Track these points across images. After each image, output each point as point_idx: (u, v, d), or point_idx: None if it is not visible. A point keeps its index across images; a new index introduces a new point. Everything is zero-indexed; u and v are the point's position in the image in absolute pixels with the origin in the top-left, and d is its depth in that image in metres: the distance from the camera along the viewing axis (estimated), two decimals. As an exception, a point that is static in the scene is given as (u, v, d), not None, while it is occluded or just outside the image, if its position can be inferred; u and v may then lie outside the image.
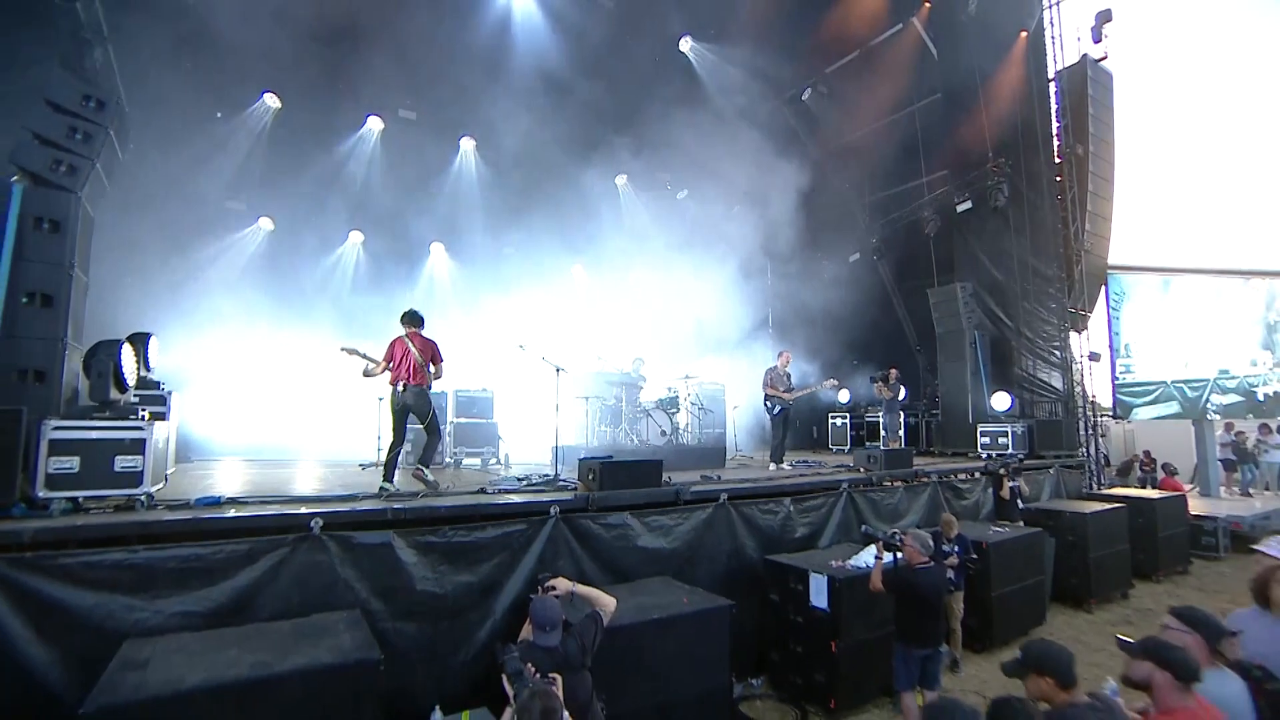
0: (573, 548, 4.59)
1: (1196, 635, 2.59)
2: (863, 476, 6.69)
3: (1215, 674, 2.49)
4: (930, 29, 10.78)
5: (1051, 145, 10.79)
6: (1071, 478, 9.65)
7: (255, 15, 7.74)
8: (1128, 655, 2.47)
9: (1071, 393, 10.38)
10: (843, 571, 4.79)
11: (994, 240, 11.08)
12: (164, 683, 2.60)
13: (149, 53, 6.94)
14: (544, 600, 3.16)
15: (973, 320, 10.45)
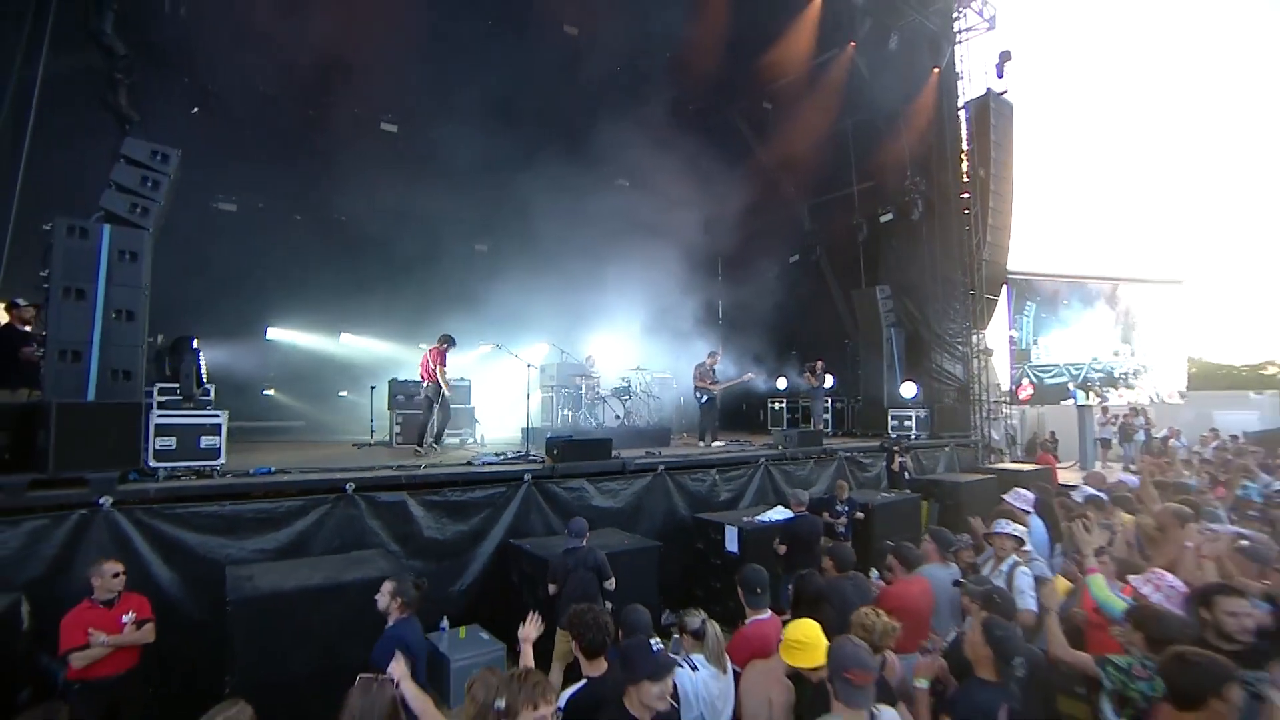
0: (541, 505, 6.00)
1: (934, 544, 4.16)
2: (778, 453, 8.23)
3: (938, 567, 4.05)
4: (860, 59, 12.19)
5: (960, 166, 12.41)
6: (965, 454, 11.41)
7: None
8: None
9: (969, 382, 12.14)
10: (750, 524, 6.28)
11: (911, 248, 12.64)
12: (271, 585, 3.93)
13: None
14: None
15: (889, 319, 12.09)
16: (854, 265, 13.46)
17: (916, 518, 8.19)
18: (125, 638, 3.59)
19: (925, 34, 12.36)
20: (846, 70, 12.00)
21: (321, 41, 9.19)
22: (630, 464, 6.79)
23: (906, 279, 12.66)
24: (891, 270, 12.86)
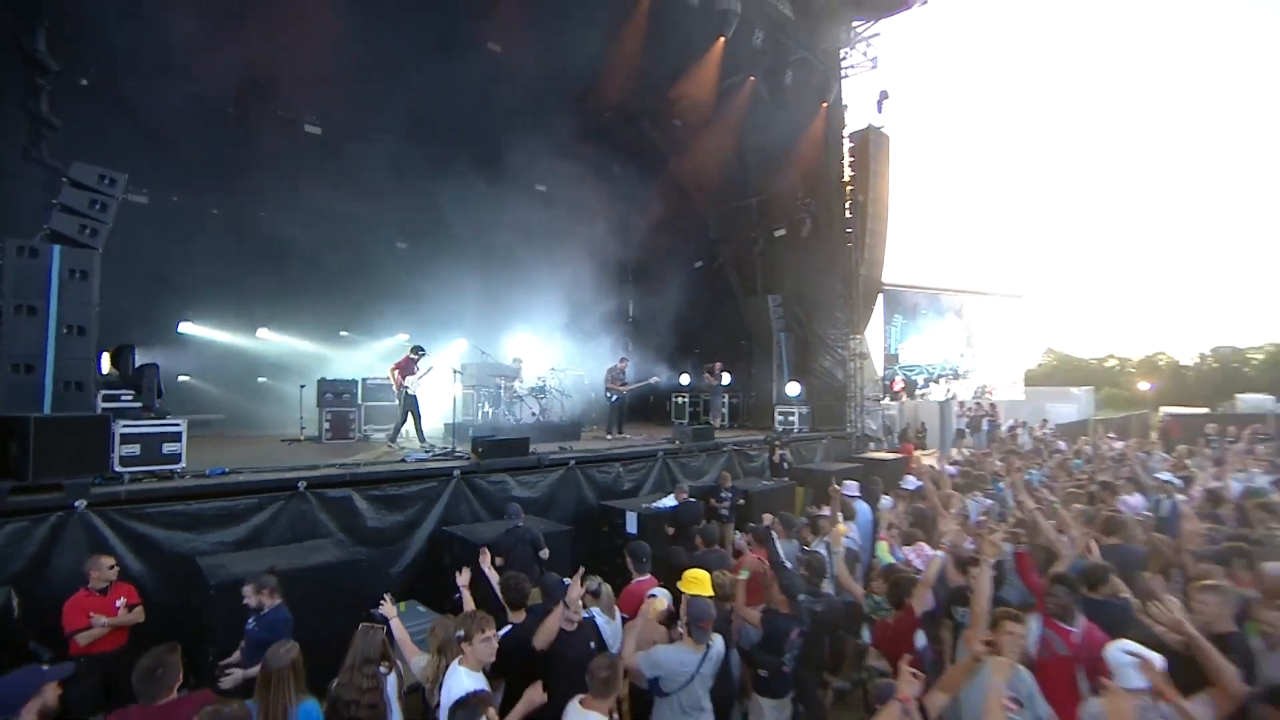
0: (469, 497, 6.94)
1: (780, 524, 5.49)
2: (675, 447, 9.51)
3: (782, 542, 5.38)
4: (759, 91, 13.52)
5: (844, 190, 14.08)
6: (840, 445, 13.18)
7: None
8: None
9: (847, 382, 13.93)
10: (647, 510, 7.46)
11: (800, 261, 14.23)
12: (245, 570, 4.68)
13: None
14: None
15: (780, 324, 13.66)
16: (752, 274, 14.98)
17: (791, 502, 9.67)
18: (120, 619, 4.30)
19: (816, 72, 13.84)
20: (748, 100, 13.31)
21: (247, 44, 9.45)
22: (545, 459, 7.82)
23: (796, 289, 14.26)
24: (783, 280, 14.42)
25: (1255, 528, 6.29)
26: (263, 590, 4.01)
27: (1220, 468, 9.69)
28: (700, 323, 15.76)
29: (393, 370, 8.47)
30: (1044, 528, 4.72)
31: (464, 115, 12.56)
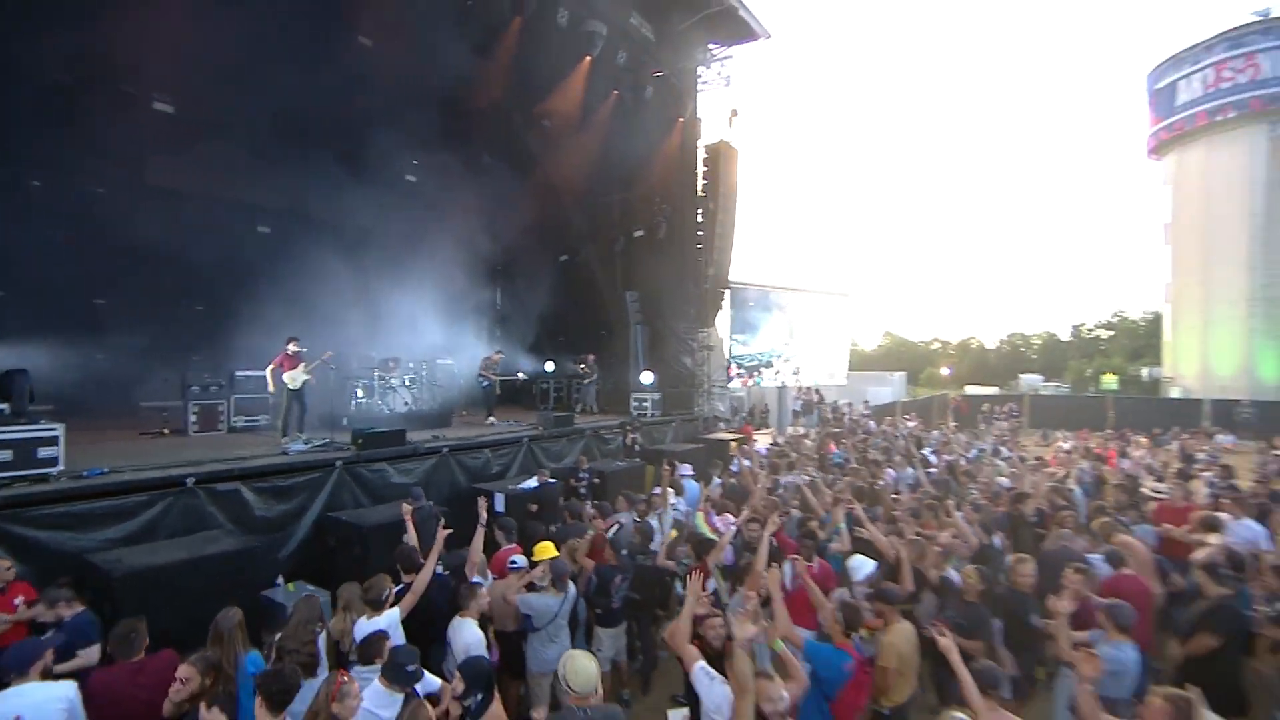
0: (350, 485, 7.64)
1: (625, 500, 6.83)
2: (539, 433, 10.63)
3: (625, 514, 6.74)
4: (623, 103, 14.66)
5: (696, 197, 15.72)
6: (689, 428, 14.95)
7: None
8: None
9: (695, 370, 15.74)
10: (513, 491, 8.52)
11: (656, 260, 15.68)
12: (144, 562, 5.21)
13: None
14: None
15: (636, 318, 15.12)
16: (612, 271, 16.27)
17: (642, 481, 11.14)
18: (20, 615, 4.71)
19: (673, 89, 15.27)
20: (611, 111, 14.42)
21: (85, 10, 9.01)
22: (420, 448, 8.64)
23: (652, 285, 15.74)
24: (640, 278, 15.85)
25: (963, 485, 8.65)
26: (57, 604, 4.23)
27: (968, 438, 12.55)
28: (564, 314, 16.85)
29: (274, 366, 8.69)
30: (810, 499, 6.47)
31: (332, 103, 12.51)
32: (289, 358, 8.68)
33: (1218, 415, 23.47)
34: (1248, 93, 29.92)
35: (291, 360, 8.69)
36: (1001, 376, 53.19)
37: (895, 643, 3.99)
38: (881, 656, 4.01)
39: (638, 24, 13.95)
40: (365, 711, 3.12)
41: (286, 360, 8.66)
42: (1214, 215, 31.54)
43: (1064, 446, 15.62)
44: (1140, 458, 13.16)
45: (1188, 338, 33.58)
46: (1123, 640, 3.96)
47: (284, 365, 8.62)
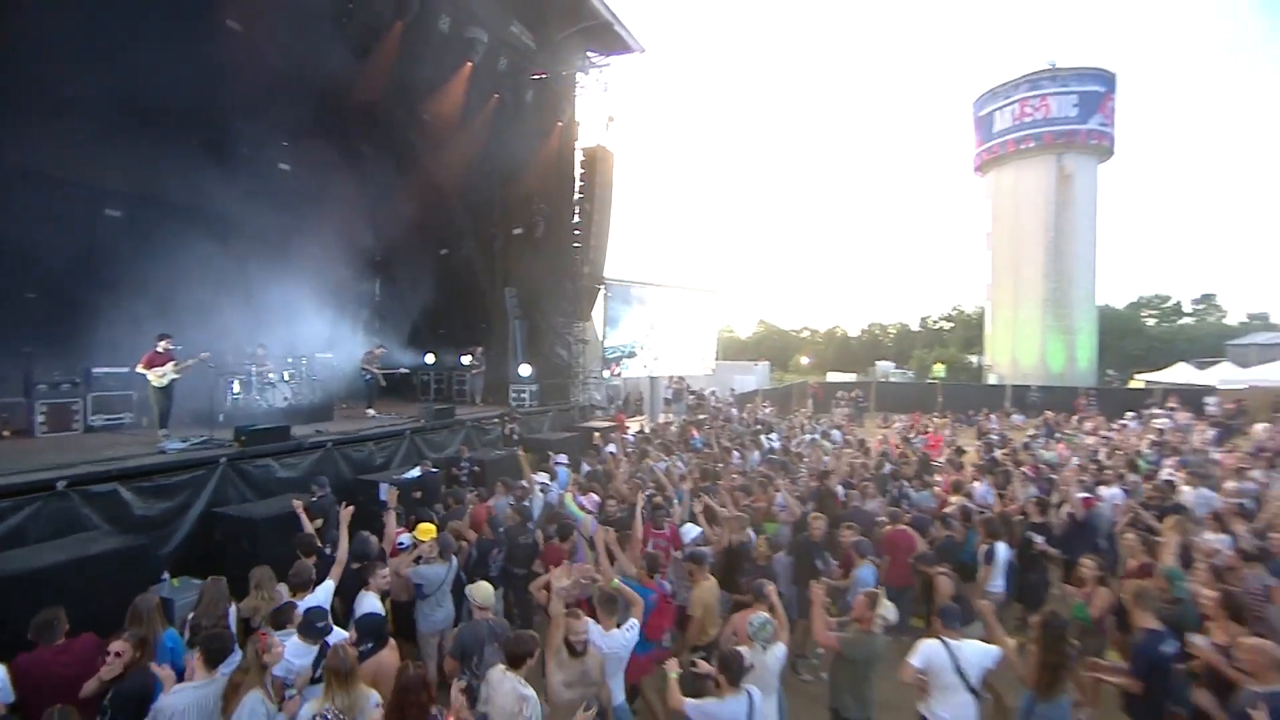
0: (236, 482, 7.89)
1: (503, 485, 7.72)
2: (421, 424, 11.17)
3: (504, 499, 7.62)
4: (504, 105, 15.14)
5: (573, 198, 16.59)
6: (565, 417, 15.91)
7: None
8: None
9: (571, 363, 16.70)
10: (397, 480, 9.04)
11: (534, 258, 16.43)
12: (25, 564, 5.38)
13: None
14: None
15: (515, 313, 15.82)
16: (491, 266, 16.83)
17: (519, 468, 11.95)
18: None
19: (553, 94, 16.00)
20: (492, 113, 14.90)
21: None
22: (304, 443, 8.97)
23: (530, 282, 16.47)
24: (519, 274, 16.53)
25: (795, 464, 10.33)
26: None
27: (812, 423, 14.50)
28: (445, 308, 17.17)
29: (144, 363, 8.58)
30: (662, 480, 7.70)
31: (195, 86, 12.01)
32: (158, 355, 8.63)
33: (1016, 398, 27.96)
34: (1042, 128, 35.41)
35: (161, 358, 8.65)
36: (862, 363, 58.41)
37: (702, 596, 5.17)
38: (690, 606, 5.20)
39: (518, 32, 14.55)
40: (286, 660, 3.83)
41: (156, 358, 8.61)
42: (1020, 229, 37.01)
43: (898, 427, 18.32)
44: (948, 434, 15.89)
45: (1002, 331, 39.20)
46: (864, 563, 5.56)
47: (153, 363, 8.56)
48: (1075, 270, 36.13)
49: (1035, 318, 36.57)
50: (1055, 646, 3.89)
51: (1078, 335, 36.48)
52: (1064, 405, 25.51)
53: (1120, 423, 18.68)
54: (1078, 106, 35.18)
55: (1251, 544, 6.09)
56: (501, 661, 3.65)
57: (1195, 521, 7.29)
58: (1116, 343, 44.53)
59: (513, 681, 3.47)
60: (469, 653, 4.14)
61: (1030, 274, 36.56)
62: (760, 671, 3.88)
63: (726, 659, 3.62)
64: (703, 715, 3.52)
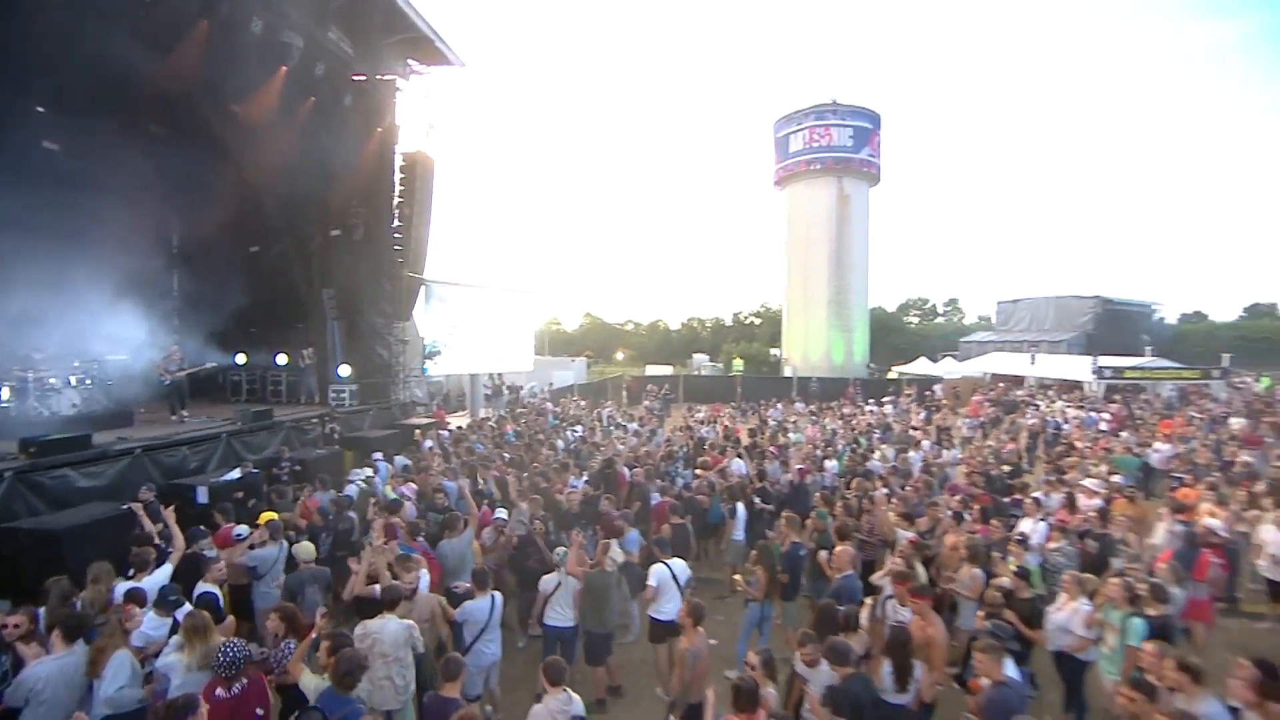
0: (26, 496, 7.83)
1: (320, 483, 8.62)
2: (237, 427, 11.37)
3: (322, 493, 8.52)
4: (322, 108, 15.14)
5: (393, 201, 17.02)
6: (385, 415, 16.43)
7: None
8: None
9: (391, 362, 17.20)
10: (215, 483, 9.39)
11: (354, 259, 16.57)
12: None
13: None
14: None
15: (333, 314, 16.01)
16: (309, 266, 16.73)
17: (341, 466, 12.50)
18: None
19: (372, 99, 16.26)
20: (309, 115, 14.84)
21: None
22: (110, 450, 9.00)
23: (349, 283, 16.62)
24: (338, 274, 16.60)
25: (592, 453, 12.17)
26: None
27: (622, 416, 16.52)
28: (257, 306, 16.73)
29: None
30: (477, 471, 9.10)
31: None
32: None
33: (800, 388, 32.74)
34: (826, 154, 41.27)
35: None
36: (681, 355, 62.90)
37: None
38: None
39: (336, 39, 14.75)
40: (143, 632, 4.71)
41: None
42: (809, 239, 42.71)
43: (699, 416, 21.07)
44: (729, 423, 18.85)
45: (796, 329, 44.90)
46: (629, 530, 7.44)
47: None
48: (852, 277, 42.60)
49: (821, 317, 42.53)
50: (770, 568, 6.02)
51: (854, 333, 43.08)
52: (838, 393, 30.61)
53: (868, 408, 23.23)
54: (853, 138, 41.44)
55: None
56: (324, 604, 4.93)
57: (872, 479, 10.22)
58: (885, 339, 53.08)
59: (395, 621, 4.69)
60: (294, 592, 5.62)
61: (817, 279, 42.41)
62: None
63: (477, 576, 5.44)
64: (462, 614, 5.10)
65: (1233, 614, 7.71)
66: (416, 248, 17.39)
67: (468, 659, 4.87)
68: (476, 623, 5.21)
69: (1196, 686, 3.70)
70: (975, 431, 18.44)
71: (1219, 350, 51.84)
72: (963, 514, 7.60)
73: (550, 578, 5.94)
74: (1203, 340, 52.71)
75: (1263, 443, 15.18)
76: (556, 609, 5.85)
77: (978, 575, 5.87)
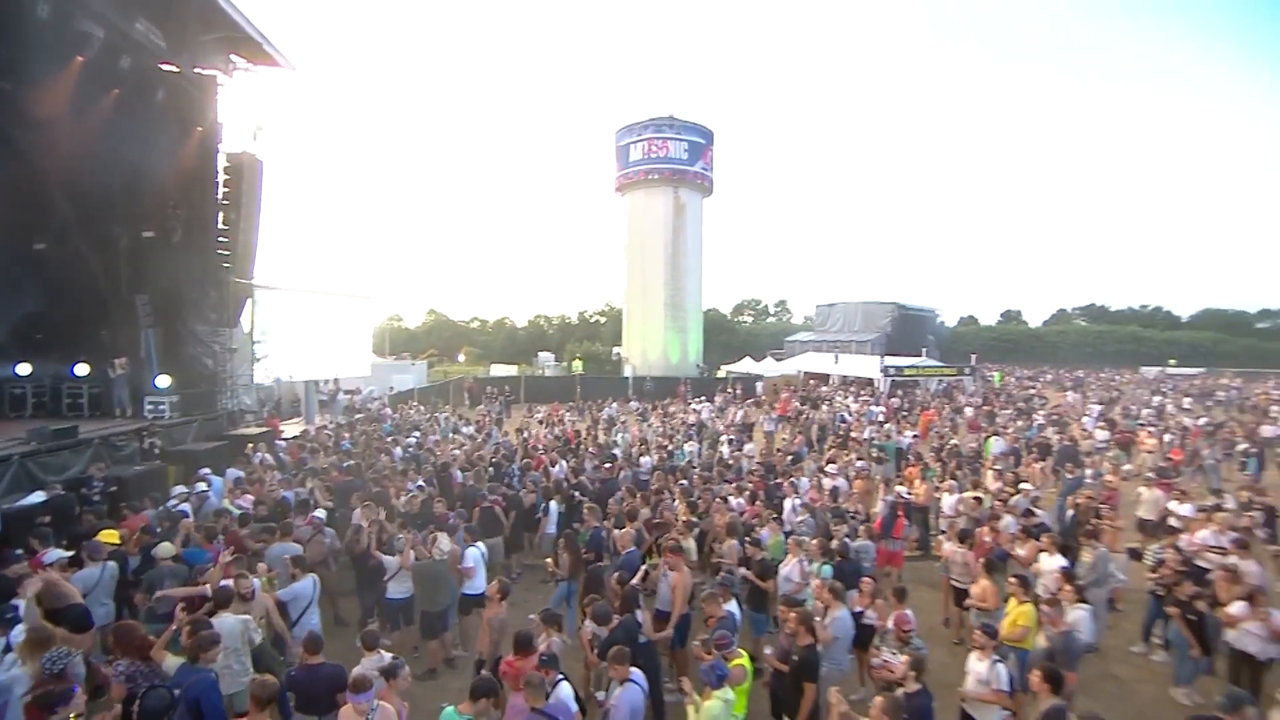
0: None
1: (149, 500, 8.69)
2: (32, 447, 10.67)
3: (150, 511, 8.62)
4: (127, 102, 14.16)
5: (217, 204, 16.28)
6: (212, 426, 15.73)
7: None
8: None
9: (218, 370, 16.49)
10: (15, 509, 8.91)
11: (172, 263, 15.64)
12: None
13: None
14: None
15: (147, 321, 15.08)
16: (116, 269, 15.55)
17: (164, 482, 12.00)
18: None
19: (190, 96, 15.44)
20: (113, 109, 13.89)
21: None
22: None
23: (167, 288, 15.69)
24: (153, 279, 15.58)
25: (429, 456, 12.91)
26: None
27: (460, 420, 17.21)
28: (45, 311, 15.29)
29: None
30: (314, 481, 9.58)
31: None
32: None
33: (636, 387, 34.92)
34: (663, 165, 44.05)
35: None
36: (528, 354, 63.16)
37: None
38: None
39: (145, 30, 13.96)
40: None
41: None
42: (647, 244, 45.24)
43: (539, 417, 22.15)
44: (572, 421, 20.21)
45: (635, 329, 47.29)
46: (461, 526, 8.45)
47: None
48: (687, 281, 45.79)
49: (659, 318, 45.28)
50: (575, 553, 7.31)
51: (689, 334, 46.37)
52: (670, 392, 33.11)
53: (693, 406, 25.71)
54: (688, 152, 44.55)
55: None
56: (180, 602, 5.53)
57: (675, 473, 12.03)
58: (719, 338, 57.55)
59: (231, 617, 5.31)
60: (154, 586, 6.17)
61: (655, 282, 45.07)
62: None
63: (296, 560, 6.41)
64: (289, 594, 6.07)
65: (926, 558, 10.38)
66: (244, 252, 16.80)
67: (294, 631, 5.92)
68: (301, 599, 6.15)
69: (837, 602, 5.60)
70: (776, 426, 21.38)
71: (983, 349, 62.29)
72: (728, 498, 9.53)
73: (391, 560, 7.08)
74: (970, 341, 63.17)
75: (980, 428, 19.36)
76: (394, 585, 7.02)
77: (734, 546, 7.66)
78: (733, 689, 4.41)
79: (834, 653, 5.45)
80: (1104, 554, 7.84)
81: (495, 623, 5.76)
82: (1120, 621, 8.50)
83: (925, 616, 8.50)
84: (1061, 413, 23.94)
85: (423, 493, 9.98)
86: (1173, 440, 17.06)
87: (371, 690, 4.09)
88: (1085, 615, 6.18)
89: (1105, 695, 6.78)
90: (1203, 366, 55.16)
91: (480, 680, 4.22)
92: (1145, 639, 7.77)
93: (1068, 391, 34.61)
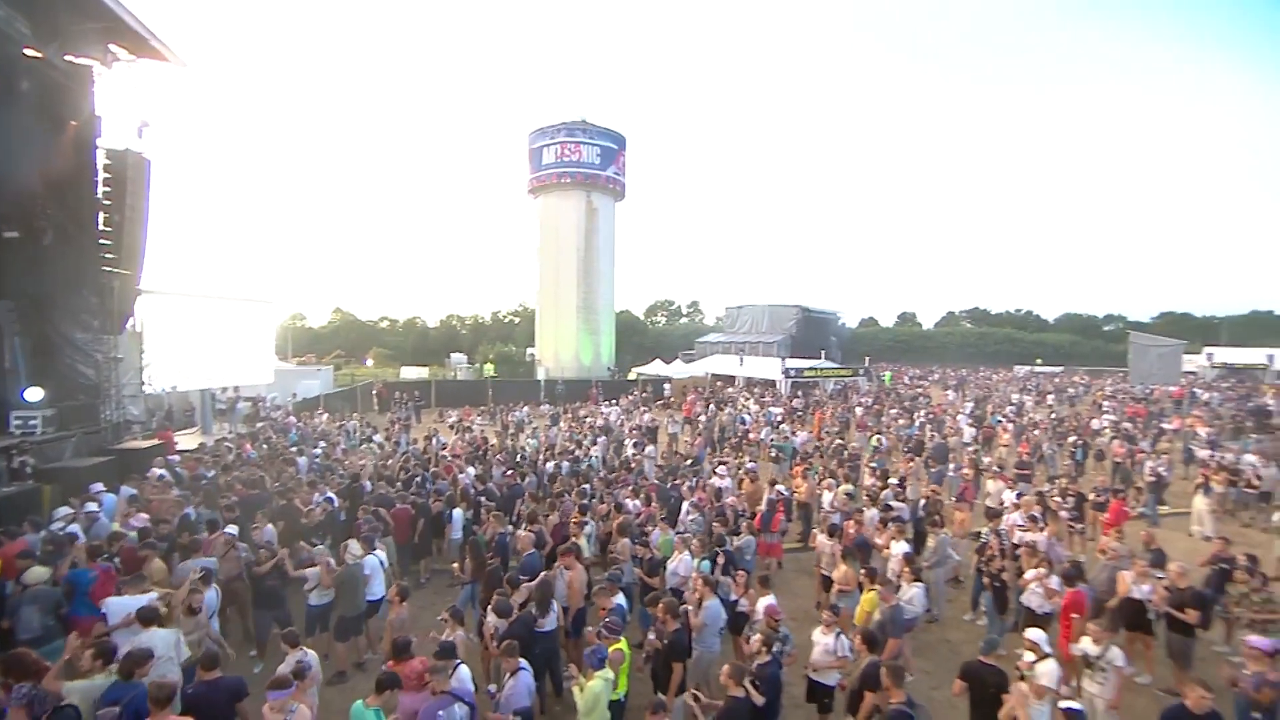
0: None
1: (30, 524, 8.43)
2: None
3: (29, 536, 8.37)
4: None
5: (96, 204, 15.36)
6: (95, 440, 14.85)
7: None
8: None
9: (101, 381, 15.56)
10: None
11: (43, 267, 14.64)
12: None
13: None
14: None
15: (12, 329, 14.05)
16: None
17: (39, 503, 11.35)
18: None
19: (61, 87, 14.49)
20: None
21: None
22: None
23: (36, 294, 14.59)
24: (18, 284, 14.44)
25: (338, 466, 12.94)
26: None
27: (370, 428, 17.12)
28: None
29: None
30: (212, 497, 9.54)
31: None
32: None
33: (547, 390, 35.25)
34: (575, 169, 44.56)
35: None
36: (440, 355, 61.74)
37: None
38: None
39: (6, 15, 13.04)
40: None
41: None
42: (560, 247, 45.59)
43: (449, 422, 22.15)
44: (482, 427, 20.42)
45: (548, 331, 47.51)
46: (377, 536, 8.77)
47: None
48: (599, 284, 46.48)
49: (571, 321, 45.74)
50: (478, 557, 7.78)
51: (601, 336, 47.10)
52: (582, 395, 33.67)
53: (603, 409, 26.42)
54: (600, 157, 45.24)
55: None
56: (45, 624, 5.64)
57: (578, 477, 12.66)
58: (632, 339, 58.57)
59: (161, 631, 5.49)
60: (14, 611, 6.30)
61: (567, 285, 45.50)
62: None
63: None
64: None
65: (807, 550, 11.55)
66: (130, 255, 15.93)
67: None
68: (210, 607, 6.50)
69: (710, 593, 6.45)
70: (681, 428, 22.49)
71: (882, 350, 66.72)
72: (625, 501, 10.31)
73: (311, 571, 7.36)
74: (870, 342, 67.54)
75: (867, 427, 21.19)
76: (315, 594, 7.36)
77: (626, 544, 8.40)
78: (613, 670, 5.12)
79: (705, 637, 6.29)
80: (944, 539, 9.23)
81: (397, 623, 6.21)
82: (960, 595, 9.93)
83: (802, 601, 9.64)
84: (939, 411, 26.39)
85: (330, 505, 10.13)
86: (1023, 435, 19.42)
87: (291, 688, 4.50)
88: (919, 591, 7.38)
89: (938, 657, 8.12)
90: (1062, 365, 61.57)
91: (384, 674, 4.72)
92: (974, 608, 9.17)
93: (949, 390, 37.96)
